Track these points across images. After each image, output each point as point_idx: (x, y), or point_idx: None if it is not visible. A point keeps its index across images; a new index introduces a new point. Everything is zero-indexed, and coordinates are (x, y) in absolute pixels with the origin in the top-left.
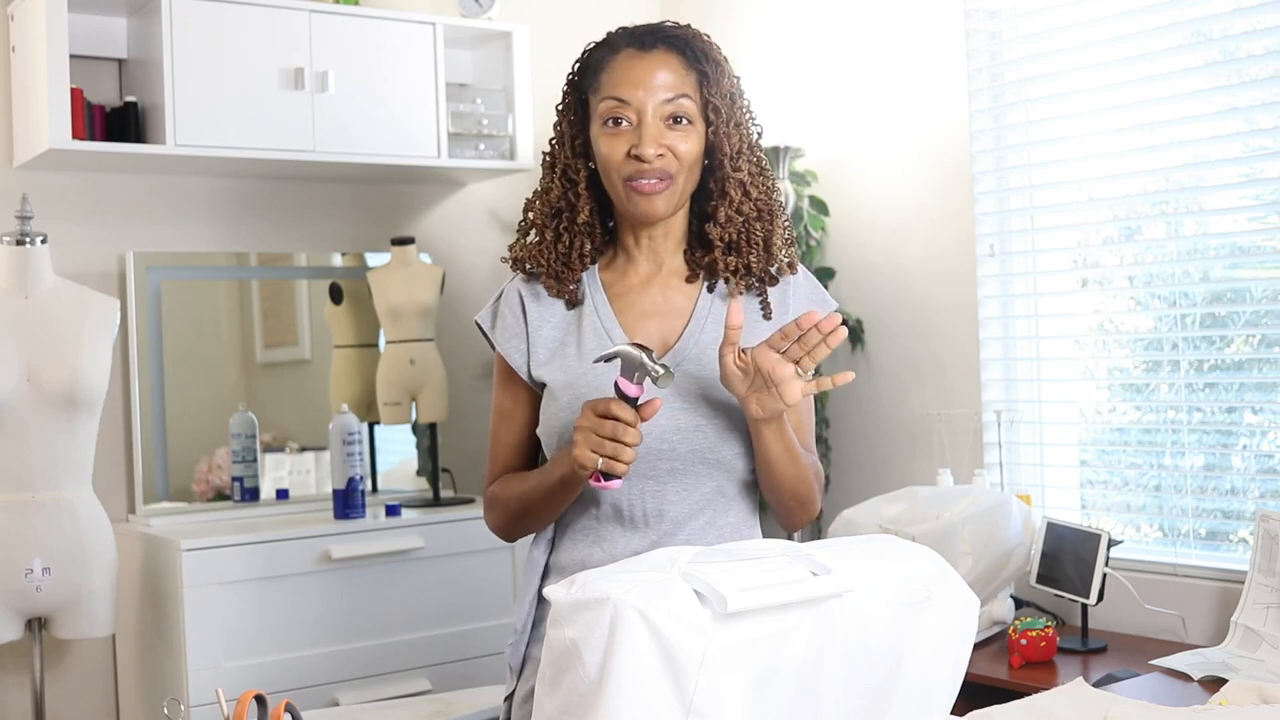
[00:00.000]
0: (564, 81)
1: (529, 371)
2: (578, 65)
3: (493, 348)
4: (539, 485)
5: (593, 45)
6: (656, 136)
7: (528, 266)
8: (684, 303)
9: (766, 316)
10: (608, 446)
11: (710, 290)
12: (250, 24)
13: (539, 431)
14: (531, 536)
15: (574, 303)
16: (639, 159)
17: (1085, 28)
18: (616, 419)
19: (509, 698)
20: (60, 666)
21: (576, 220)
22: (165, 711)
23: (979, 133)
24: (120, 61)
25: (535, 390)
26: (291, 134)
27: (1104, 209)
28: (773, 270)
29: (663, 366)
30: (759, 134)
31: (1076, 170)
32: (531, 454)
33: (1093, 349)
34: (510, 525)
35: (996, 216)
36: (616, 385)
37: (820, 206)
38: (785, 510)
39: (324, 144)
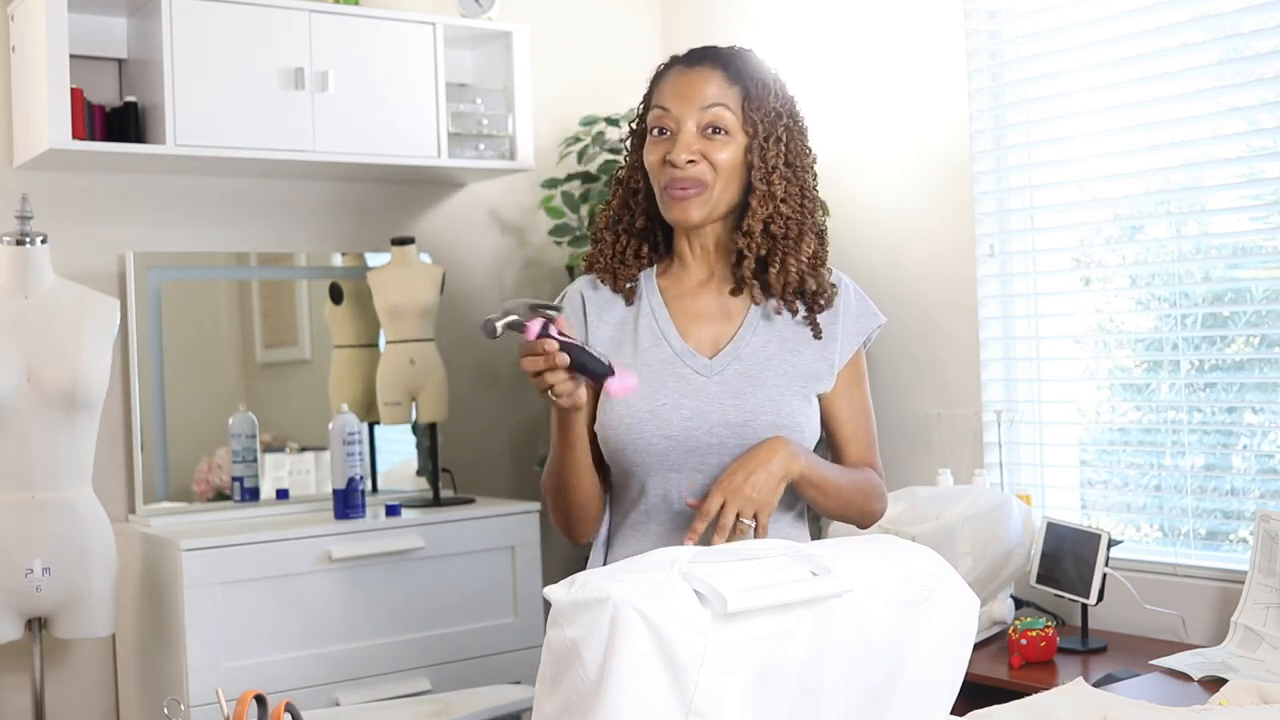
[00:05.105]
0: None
1: None
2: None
3: None
4: (553, 443)
5: (660, 67)
6: (688, 144)
7: (594, 266)
8: (736, 310)
9: (816, 336)
10: (539, 381)
11: (756, 304)
12: (250, 24)
13: (596, 428)
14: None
15: (630, 301)
16: (672, 164)
17: (1085, 28)
18: (531, 354)
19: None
20: (60, 666)
21: (634, 225)
22: (165, 711)
23: (979, 133)
24: (120, 61)
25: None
26: (291, 134)
27: (1104, 209)
28: (806, 290)
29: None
30: (813, 158)
31: (1076, 170)
32: (591, 449)
33: (1093, 349)
34: (553, 507)
35: (996, 216)
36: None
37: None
38: (849, 520)
39: (324, 144)
